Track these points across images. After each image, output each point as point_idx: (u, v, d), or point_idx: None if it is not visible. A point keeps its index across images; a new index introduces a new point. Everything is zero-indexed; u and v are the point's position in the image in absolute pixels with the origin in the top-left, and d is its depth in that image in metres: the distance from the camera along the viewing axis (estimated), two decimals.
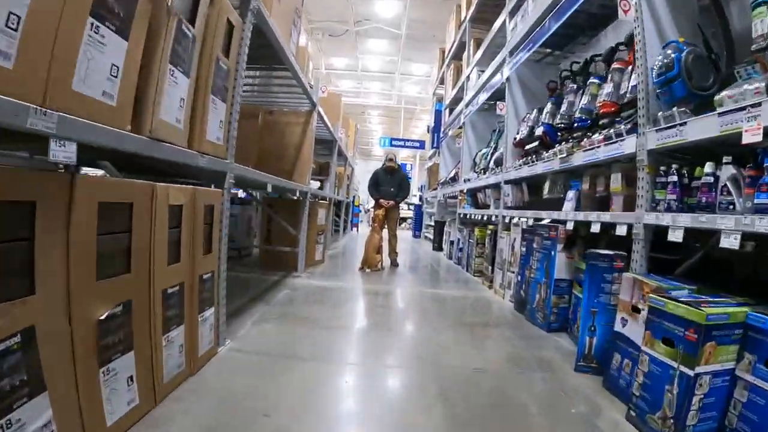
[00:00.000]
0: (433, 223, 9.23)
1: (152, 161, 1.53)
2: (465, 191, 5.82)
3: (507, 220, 3.91)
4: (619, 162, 2.40)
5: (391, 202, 5.56)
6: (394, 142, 14.76)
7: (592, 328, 2.19)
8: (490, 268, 4.34)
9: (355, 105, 18.53)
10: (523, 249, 3.41)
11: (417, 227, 11.51)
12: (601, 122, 2.69)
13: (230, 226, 2.14)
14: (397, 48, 14.11)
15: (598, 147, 2.50)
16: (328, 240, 6.54)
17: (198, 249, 1.78)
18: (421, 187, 17.13)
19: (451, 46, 8.07)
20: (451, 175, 7.04)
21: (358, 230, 12.70)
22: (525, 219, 3.54)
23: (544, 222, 3.17)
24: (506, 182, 4.10)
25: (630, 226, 2.14)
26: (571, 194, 2.97)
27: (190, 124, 1.71)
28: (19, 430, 0.90)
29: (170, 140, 1.55)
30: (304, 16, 9.32)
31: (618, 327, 1.95)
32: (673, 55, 1.96)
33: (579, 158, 2.72)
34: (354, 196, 11.72)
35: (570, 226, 2.86)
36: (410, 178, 15.36)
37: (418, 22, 11.48)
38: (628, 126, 2.30)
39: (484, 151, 5.85)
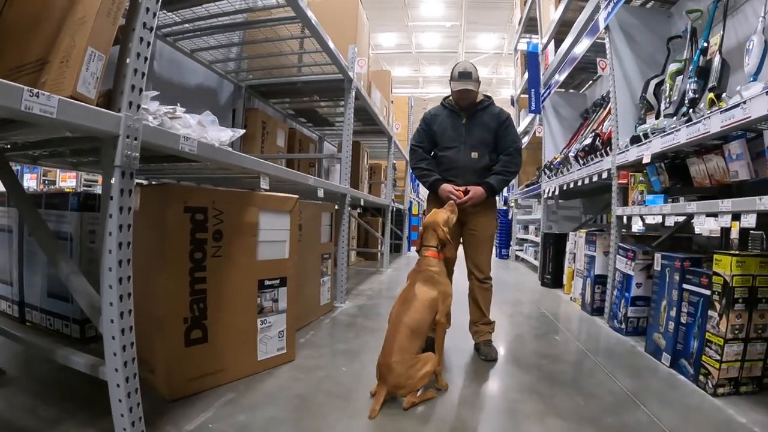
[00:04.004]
0: (537, 239, 5.63)
1: None
2: (647, 161, 2.32)
3: None
4: None
5: (476, 191, 2.14)
6: None
7: None
8: None
9: (415, 99, 15.36)
10: None
11: (503, 243, 7.88)
12: None
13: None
14: (459, 6, 10.78)
15: None
16: (331, 291, 3.36)
17: None
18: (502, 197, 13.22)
19: None
20: (586, 142, 3.51)
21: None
22: None
23: None
24: None
25: None
26: None
27: None
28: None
29: None
30: None
31: None
32: None
33: None
34: (411, 203, 8.51)
35: None
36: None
37: None
38: None
39: (676, 67, 2.37)
